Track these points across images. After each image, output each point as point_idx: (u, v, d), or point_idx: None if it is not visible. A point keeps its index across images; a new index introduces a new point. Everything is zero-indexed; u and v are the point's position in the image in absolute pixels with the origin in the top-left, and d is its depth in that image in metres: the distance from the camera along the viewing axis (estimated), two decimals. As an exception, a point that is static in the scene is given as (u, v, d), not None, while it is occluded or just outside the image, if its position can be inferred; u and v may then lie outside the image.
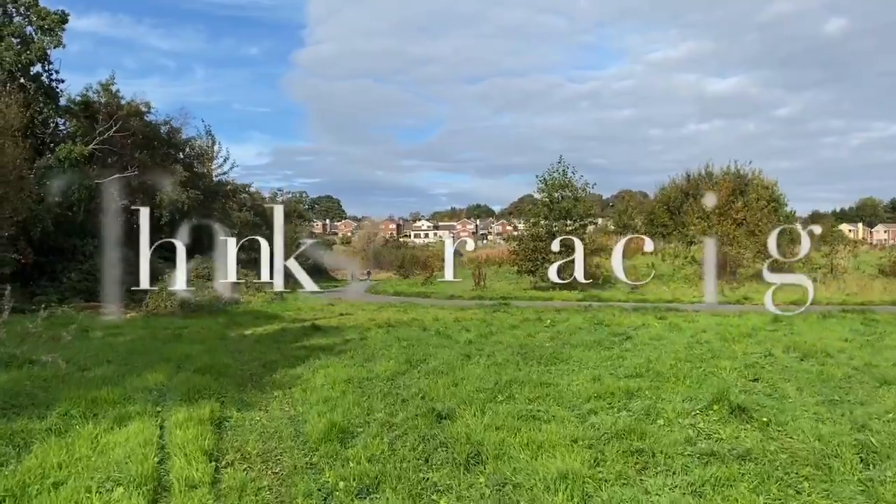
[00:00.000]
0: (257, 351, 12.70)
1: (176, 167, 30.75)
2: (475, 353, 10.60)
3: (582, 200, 32.31)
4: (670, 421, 6.51)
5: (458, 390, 8.01)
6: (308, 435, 6.61)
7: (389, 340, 12.90)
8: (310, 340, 13.88)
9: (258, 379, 9.92)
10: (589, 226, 32.73)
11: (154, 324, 19.53)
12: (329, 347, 12.52)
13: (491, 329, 13.78)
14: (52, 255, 26.11)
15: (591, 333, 13.00)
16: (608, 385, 7.94)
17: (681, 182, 49.96)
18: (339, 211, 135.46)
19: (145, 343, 13.66)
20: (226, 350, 13.02)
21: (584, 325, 14.66)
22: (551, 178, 32.53)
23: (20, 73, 25.72)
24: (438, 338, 13.03)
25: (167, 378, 9.63)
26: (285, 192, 64.93)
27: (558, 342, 11.79)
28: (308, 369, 10.22)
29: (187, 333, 16.60)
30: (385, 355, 11.06)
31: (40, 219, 23.54)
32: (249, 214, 50.98)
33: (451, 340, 12.61)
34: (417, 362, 10.00)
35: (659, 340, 11.95)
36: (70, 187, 25.22)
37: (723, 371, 8.86)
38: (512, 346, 11.53)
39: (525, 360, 9.86)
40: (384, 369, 9.50)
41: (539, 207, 32.35)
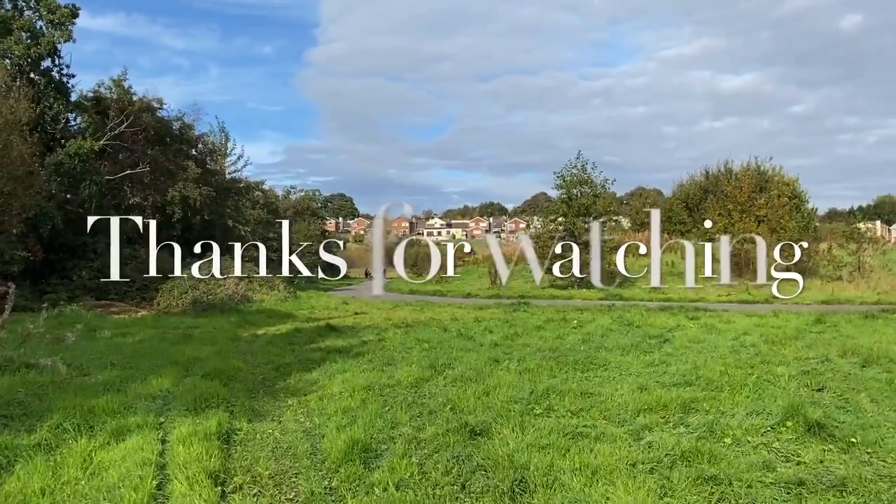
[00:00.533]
0: (270, 353, 11.97)
1: (188, 164, 30.16)
2: (503, 358, 9.78)
3: (602, 197, 31.41)
4: (739, 440, 5.67)
5: (490, 400, 7.21)
6: (326, 452, 5.83)
7: (409, 342, 12.12)
8: (325, 341, 13.13)
9: (271, 384, 9.17)
10: (609, 223, 31.77)
11: (164, 323, 18.89)
12: (346, 349, 11.75)
13: (515, 330, 12.95)
14: (63, 253, 25.58)
15: (623, 336, 12.15)
16: (657, 395, 7.10)
17: (699, 179, 48.86)
18: (352, 209, 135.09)
19: (153, 344, 12.95)
20: (237, 352, 12.29)
21: (614, 326, 13.81)
22: (569, 174, 31.67)
23: (30, 67, 25.19)
24: (461, 339, 12.24)
25: (173, 384, 8.90)
26: (298, 190, 64.35)
27: (591, 345, 10.95)
28: (324, 374, 9.46)
29: (198, 334, 15.92)
30: (406, 359, 10.28)
31: (50, 216, 22.97)
32: (263, 212, 50.48)
33: (475, 343, 11.80)
34: (442, 367, 9.20)
35: (698, 343, 11.09)
36: (80, 184, 24.63)
37: (780, 379, 8.00)
38: (541, 349, 10.70)
39: (559, 365, 9.03)
40: (406, 375, 8.71)
41: (557, 204, 31.47)
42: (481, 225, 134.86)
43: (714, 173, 48.22)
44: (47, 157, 24.12)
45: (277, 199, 59.86)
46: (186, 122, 31.58)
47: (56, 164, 23.78)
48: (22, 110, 22.38)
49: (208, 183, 31.03)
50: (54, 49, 25.63)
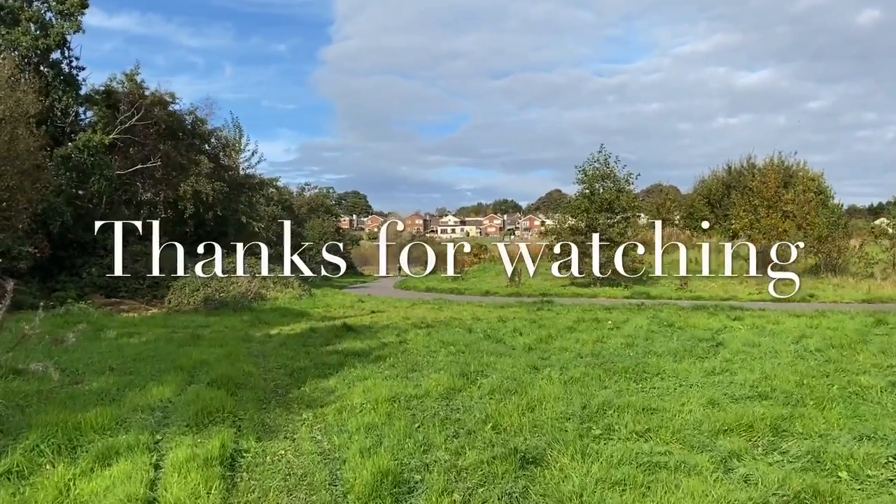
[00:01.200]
0: (283, 355, 10.97)
1: (201, 158, 29.26)
2: (541, 364, 8.71)
3: (625, 192, 30.20)
4: (857, 474, 4.58)
5: (538, 417, 6.15)
6: (349, 484, 4.80)
7: (434, 345, 11.07)
8: (342, 343, 12.12)
9: (284, 393, 8.16)
10: (632, 219, 30.54)
11: (174, 322, 17.97)
12: (365, 353, 10.74)
13: (548, 332, 11.86)
14: (73, 250, 24.78)
15: (668, 338, 11.03)
16: (734, 412, 6.01)
17: (721, 174, 47.47)
18: (365, 206, 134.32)
19: (159, 346, 12.00)
20: (247, 354, 11.31)
21: (654, 327, 12.67)
22: (591, 168, 30.47)
23: (38, 59, 24.37)
24: (489, 342, 11.18)
25: (175, 392, 7.93)
26: (312, 187, 63.51)
27: (637, 350, 9.85)
28: (343, 381, 8.44)
29: (207, 334, 14.97)
30: (432, 364, 9.24)
31: (59, 211, 22.14)
32: (277, 209, 49.68)
33: (506, 346, 10.74)
34: (474, 375, 8.15)
35: (755, 347, 9.95)
36: (90, 178, 23.80)
37: (870, 391, 6.88)
38: (582, 354, 9.62)
39: (607, 373, 7.94)
40: (435, 384, 7.66)
41: (579, 199, 30.29)
42: (495, 222, 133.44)
43: (737, 168, 46.85)
44: (56, 151, 23.29)
45: (292, 195, 59.10)
46: (199, 117, 30.71)
47: (64, 158, 22.95)
48: (29, 102, 21.57)
49: (221, 178, 30.14)
50: (63, 40, 24.79)
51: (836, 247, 32.33)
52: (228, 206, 30.61)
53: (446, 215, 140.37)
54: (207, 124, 31.25)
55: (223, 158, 33.89)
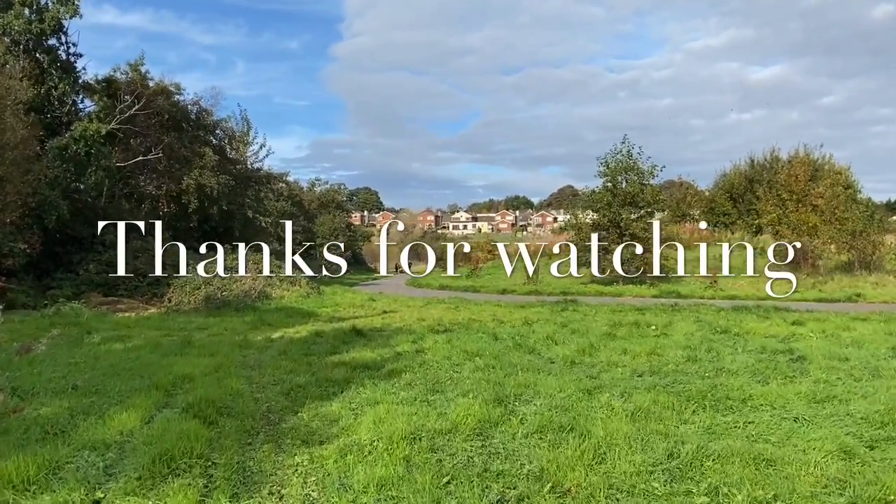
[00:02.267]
0: (282, 367, 9.34)
1: (205, 150, 27.71)
2: (592, 386, 6.97)
3: (649, 185, 28.38)
4: None
5: (610, 472, 4.46)
6: None
7: (456, 355, 9.39)
8: (350, 352, 10.47)
9: (276, 421, 6.53)
10: (657, 213, 28.72)
11: (170, 323, 16.42)
12: (376, 365, 9.09)
13: (589, 341, 10.10)
14: (70, 245, 23.32)
15: (732, 349, 9.30)
16: (882, 468, 4.30)
17: (744, 168, 45.47)
18: (377, 203, 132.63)
19: (142, 355, 10.39)
20: (241, 365, 9.70)
21: (709, 334, 10.90)
22: (614, 161, 28.67)
23: (33, 44, 22.88)
24: (521, 353, 9.49)
25: (142, 421, 6.31)
26: (323, 182, 61.99)
27: (704, 366, 8.09)
28: (349, 406, 6.80)
29: (202, 338, 13.39)
30: (457, 382, 7.56)
31: (54, 205, 20.63)
32: (287, 204, 48.18)
33: (541, 358, 9.05)
34: (512, 400, 6.46)
35: (845, 362, 8.19)
36: (87, 170, 22.29)
37: None
38: (638, 371, 7.90)
39: (681, 401, 6.21)
40: (464, 414, 5.98)
41: (601, 193, 28.50)
42: (507, 218, 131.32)
43: (760, 162, 44.88)
44: (51, 142, 21.80)
45: (302, 191, 57.61)
46: (203, 107, 29.13)
47: (60, 149, 21.45)
48: (20, 89, 20.08)
49: (227, 171, 28.57)
50: (59, 25, 23.30)
51: (871, 242, 30.39)
52: (234, 200, 29.05)
53: (458, 211, 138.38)
54: (213, 115, 29.71)
55: (229, 151, 32.33)
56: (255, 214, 30.60)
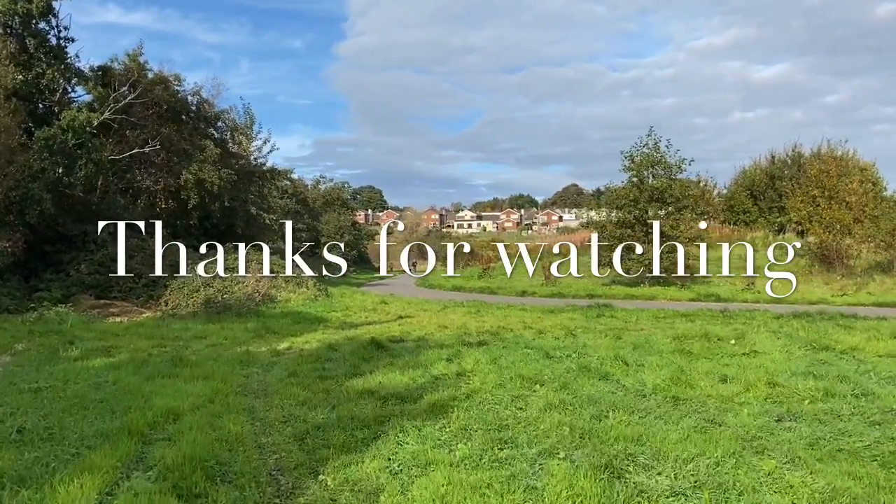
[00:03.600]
0: (292, 395, 7.41)
1: (206, 143, 25.76)
2: (739, 446, 4.94)
3: (678, 181, 26.40)
4: None
5: None
6: None
7: (510, 382, 7.42)
8: (375, 373, 8.52)
9: (288, 493, 4.59)
10: (686, 210, 26.72)
11: (164, 331, 14.47)
12: (411, 394, 7.14)
13: (674, 363, 8.11)
14: (60, 244, 21.33)
15: (863, 375, 7.30)
16: None
17: (764, 164, 43.47)
18: (381, 201, 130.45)
19: (122, 377, 8.44)
20: (242, 391, 7.77)
21: (808, 352, 8.91)
22: (639, 154, 26.67)
23: (19, 26, 20.93)
24: (591, 379, 7.49)
25: (99, 495, 4.37)
26: (328, 180, 60.03)
27: (851, 403, 6.02)
28: (388, 468, 4.85)
29: (199, 350, 11.46)
30: (529, 427, 5.61)
31: (37, 199, 18.67)
32: (291, 202, 46.23)
33: (623, 387, 7.05)
34: (625, 465, 4.49)
35: None
36: (77, 163, 20.34)
37: None
38: (769, 410, 5.84)
39: (890, 473, 4.24)
40: (565, 492, 4.02)
41: (626, 189, 26.50)
42: (513, 217, 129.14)
43: (781, 158, 42.87)
44: (38, 133, 19.85)
45: (306, 188, 55.63)
46: (204, 98, 27.15)
47: (46, 139, 19.47)
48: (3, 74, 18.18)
49: (229, 166, 26.59)
50: (49, 7, 21.33)
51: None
52: (237, 196, 27.08)
53: (462, 210, 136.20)
54: (214, 106, 27.71)
55: (232, 145, 30.36)
56: (258, 211, 28.66)
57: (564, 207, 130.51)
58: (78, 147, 20.21)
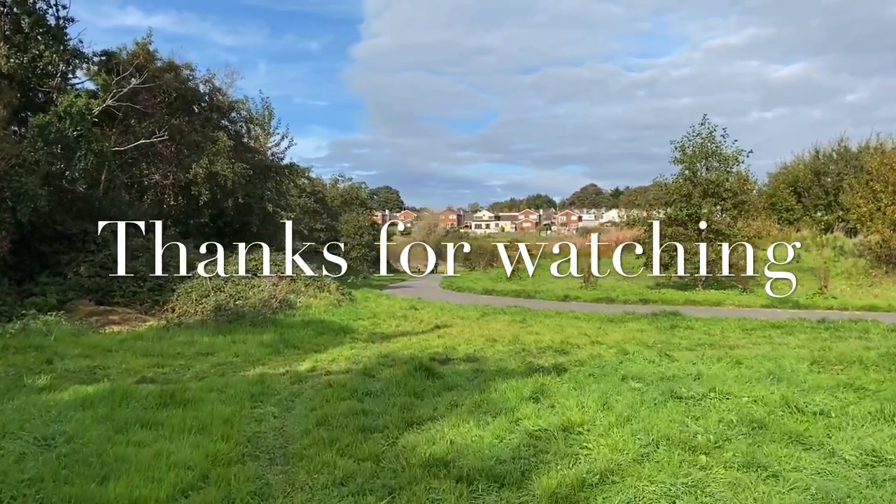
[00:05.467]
0: (326, 465, 4.87)
1: (219, 135, 23.37)
2: None
3: (737, 174, 23.66)
4: None
5: None
6: None
7: (658, 451, 4.81)
8: (439, 424, 5.93)
9: None
10: (745, 205, 23.92)
11: (164, 346, 11.99)
12: (509, 473, 4.56)
13: (880, 410, 5.50)
14: (58, 243, 18.99)
15: None
16: None
17: (808, 160, 40.46)
18: (397, 202, 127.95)
19: (87, 427, 5.92)
20: (252, 453, 5.25)
21: None
22: (691, 145, 23.92)
23: (14, 4, 18.61)
24: (780, 442, 4.86)
25: None
26: (346, 179, 57.66)
27: None
28: None
29: (199, 376, 8.97)
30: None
31: (29, 194, 16.30)
32: (310, 200, 43.86)
33: (845, 462, 4.48)
34: None
35: None
36: (76, 153, 17.98)
37: None
38: None
39: None
40: None
41: (679, 183, 23.74)
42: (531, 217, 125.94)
43: (826, 153, 39.86)
44: (31, 120, 17.53)
45: (325, 187, 53.26)
46: (217, 86, 24.76)
47: (41, 127, 17.13)
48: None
49: (244, 159, 24.15)
50: (46, -17, 19.02)
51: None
52: (252, 192, 24.66)
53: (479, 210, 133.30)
54: (228, 96, 25.29)
55: (247, 139, 27.93)
56: (275, 209, 26.19)
57: (583, 207, 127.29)
58: (77, 137, 17.84)
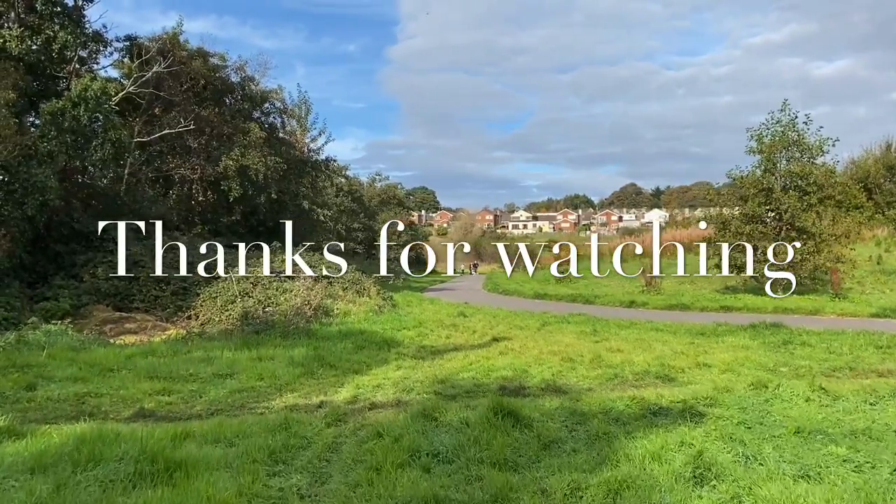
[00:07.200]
0: None
1: (251, 126, 21.38)
2: None
3: (823, 166, 20.73)
4: None
5: None
6: None
7: None
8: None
9: None
10: (832, 200, 20.98)
11: (178, 363, 9.86)
12: None
13: None
14: (75, 242, 17.18)
15: None
16: None
17: (879, 154, 36.95)
18: (434, 202, 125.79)
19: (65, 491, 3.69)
20: None
21: None
22: (770, 133, 21.05)
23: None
24: None
25: None
26: (384, 178, 55.70)
27: None
28: None
29: (208, 412, 6.79)
30: None
31: (39, 187, 14.45)
32: (347, 199, 41.90)
33: None
34: None
35: None
36: (92, 142, 16.10)
37: None
38: None
39: None
40: None
41: (756, 177, 20.88)
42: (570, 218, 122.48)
43: (902, 145, 36.28)
44: (43, 107, 15.71)
45: (362, 186, 51.32)
46: (249, 74, 22.77)
47: (53, 114, 15.29)
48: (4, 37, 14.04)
49: (278, 153, 22.12)
50: (63, -40, 17.22)
51: None
52: (287, 188, 22.62)
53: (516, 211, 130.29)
54: (259, 84, 23.28)
55: (281, 132, 25.92)
56: (311, 206, 24.11)
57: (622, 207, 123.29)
58: (91, 124, 15.96)
